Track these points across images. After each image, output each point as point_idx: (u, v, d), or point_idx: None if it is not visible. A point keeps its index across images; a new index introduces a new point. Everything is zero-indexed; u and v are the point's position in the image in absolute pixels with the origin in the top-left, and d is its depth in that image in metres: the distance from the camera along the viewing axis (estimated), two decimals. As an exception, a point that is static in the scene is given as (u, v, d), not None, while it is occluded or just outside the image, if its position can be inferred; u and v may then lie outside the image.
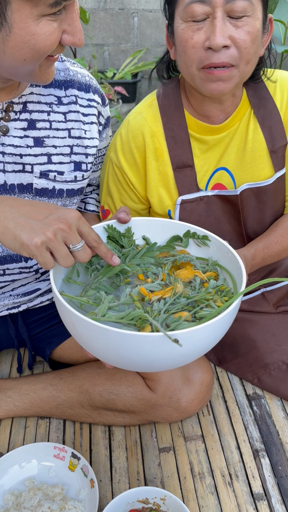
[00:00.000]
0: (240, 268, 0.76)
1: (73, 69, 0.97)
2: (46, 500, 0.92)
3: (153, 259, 0.85)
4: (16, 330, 1.14)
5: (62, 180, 0.95)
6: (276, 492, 0.99)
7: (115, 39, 3.55)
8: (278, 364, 1.18)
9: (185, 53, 0.92)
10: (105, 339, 0.66)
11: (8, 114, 0.88)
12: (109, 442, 1.08)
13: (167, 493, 0.90)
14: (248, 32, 0.88)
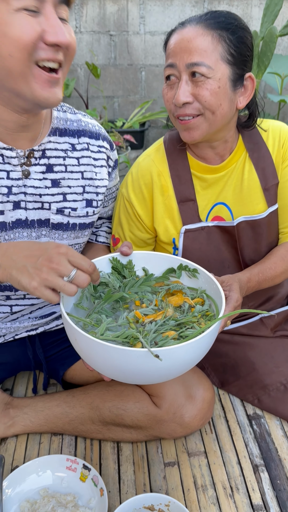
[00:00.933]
0: (221, 297, 0.87)
1: (84, 120, 1.12)
2: (59, 506, 0.99)
3: (149, 287, 0.97)
4: (33, 351, 1.24)
5: (75, 215, 1.09)
6: (275, 503, 1.05)
7: (124, 91, 3.81)
8: (276, 385, 1.26)
9: (165, 105, 1.12)
10: (101, 352, 0.77)
11: (29, 160, 1.02)
12: (117, 457, 1.15)
13: (171, 499, 0.97)
14: (207, 89, 1.04)
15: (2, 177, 0.98)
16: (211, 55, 1.02)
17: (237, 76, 1.07)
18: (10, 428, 1.17)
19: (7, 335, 1.18)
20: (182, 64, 1.03)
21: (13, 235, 1.03)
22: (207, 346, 0.83)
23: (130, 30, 3.69)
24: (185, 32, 1.04)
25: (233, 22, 1.05)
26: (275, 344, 1.33)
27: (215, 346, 1.35)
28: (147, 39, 3.73)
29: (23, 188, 1.01)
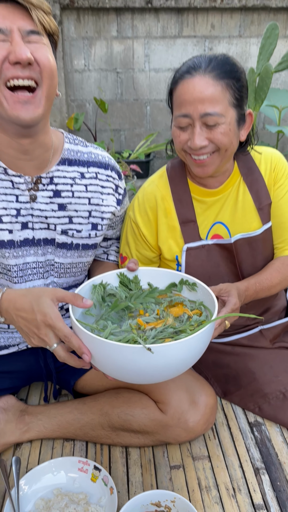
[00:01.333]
0: (215, 308, 0.96)
1: (95, 152, 1.24)
2: (72, 503, 1.06)
3: (153, 299, 1.07)
4: (44, 360, 1.32)
5: (79, 236, 1.20)
6: (275, 503, 1.10)
7: (130, 124, 4.00)
8: (276, 393, 1.33)
9: (175, 144, 1.22)
10: (102, 349, 0.86)
11: (37, 185, 1.13)
12: (126, 461, 1.22)
13: (176, 495, 1.03)
14: (221, 133, 1.15)
15: (11, 201, 1.10)
16: (222, 104, 1.13)
17: (241, 116, 1.19)
18: (25, 434, 1.25)
19: (21, 344, 1.28)
20: (196, 114, 1.13)
21: (21, 252, 1.14)
22: (201, 346, 0.91)
23: (135, 68, 3.90)
24: (196, 82, 1.12)
25: (236, 69, 1.16)
26: (274, 355, 1.41)
27: (217, 357, 1.43)
28: (151, 75, 3.94)
29: (31, 211, 1.13)
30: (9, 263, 1.14)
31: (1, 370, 1.28)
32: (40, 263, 1.18)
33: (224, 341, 1.45)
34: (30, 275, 1.18)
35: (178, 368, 0.92)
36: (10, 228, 1.11)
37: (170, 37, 3.80)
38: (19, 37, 0.94)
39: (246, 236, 1.31)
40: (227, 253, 1.33)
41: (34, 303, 0.93)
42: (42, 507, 1.06)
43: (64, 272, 1.23)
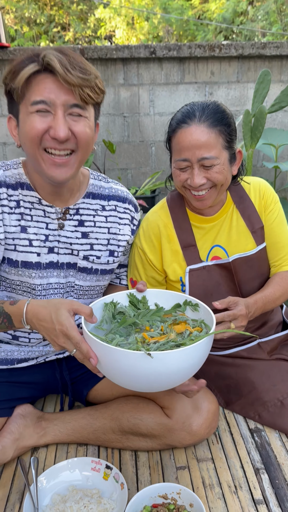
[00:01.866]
0: (213, 325, 1.08)
1: (115, 187, 1.40)
2: (86, 497, 1.15)
3: (159, 317, 1.20)
4: (60, 373, 1.44)
5: (98, 262, 1.35)
6: (274, 498, 1.19)
7: (136, 164, 4.23)
8: (274, 401, 1.43)
9: (176, 182, 1.39)
10: (108, 355, 0.98)
11: (65, 215, 1.29)
12: (135, 463, 1.31)
13: (181, 487, 1.13)
14: (216, 172, 1.32)
15: (42, 227, 1.26)
16: (216, 148, 1.30)
17: (232, 155, 1.36)
18: (42, 438, 1.35)
19: (39, 357, 1.40)
20: (194, 158, 1.30)
21: (45, 273, 1.28)
22: (198, 355, 1.02)
23: (141, 112, 4.17)
24: (192, 131, 1.28)
25: (226, 116, 1.33)
26: (271, 366, 1.51)
27: (220, 369, 1.54)
28: (156, 119, 4.20)
29: (58, 237, 1.29)
30: (34, 283, 1.28)
31: (21, 380, 1.40)
32: (62, 284, 1.33)
33: (225, 353, 1.56)
34: (52, 294, 1.32)
35: (178, 377, 1.02)
36: (38, 251, 1.26)
37: (173, 84, 4.08)
38: (61, 113, 1.08)
39: (242, 255, 1.46)
40: (226, 272, 1.47)
41: (53, 314, 1.06)
42: (59, 500, 1.16)
43: (83, 294, 1.38)
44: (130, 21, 9.62)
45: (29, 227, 1.25)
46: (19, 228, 1.24)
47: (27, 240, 1.25)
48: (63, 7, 10.61)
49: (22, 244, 1.24)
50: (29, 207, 1.25)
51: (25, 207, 1.24)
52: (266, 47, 3.86)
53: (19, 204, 1.23)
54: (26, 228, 1.25)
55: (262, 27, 8.76)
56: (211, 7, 9.52)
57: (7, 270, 1.27)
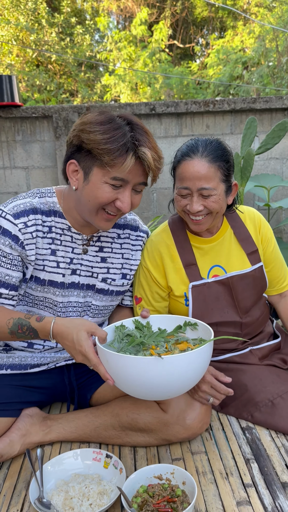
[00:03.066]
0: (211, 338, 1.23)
1: (129, 217, 1.60)
2: (87, 479, 1.25)
3: (163, 338, 1.34)
4: (68, 378, 1.57)
5: (114, 284, 1.53)
6: (262, 482, 1.28)
7: (139, 209, 4.48)
8: (265, 402, 1.54)
9: (177, 207, 1.58)
10: (123, 365, 1.11)
11: (89, 242, 1.49)
12: (134, 456, 1.41)
13: (175, 467, 1.23)
14: (213, 202, 1.51)
15: (68, 251, 1.45)
16: (214, 180, 1.49)
17: (228, 187, 1.56)
18: (47, 435, 1.46)
19: (50, 363, 1.54)
20: (194, 187, 1.48)
21: (67, 293, 1.46)
22: (205, 358, 1.16)
23: (143, 163, 4.47)
24: (195, 164, 1.45)
25: (226, 153, 1.53)
26: (262, 370, 1.63)
27: (214, 375, 1.66)
28: (157, 168, 4.49)
29: (81, 261, 1.47)
30: (57, 300, 1.46)
31: (31, 385, 1.53)
32: (80, 303, 1.50)
33: (220, 359, 1.68)
34: (70, 312, 1.50)
35: (187, 379, 1.15)
36: (63, 272, 1.44)
37: (171, 137, 4.42)
38: (129, 190, 1.30)
39: (239, 273, 1.63)
40: (225, 288, 1.63)
41: (74, 336, 1.23)
42: (62, 484, 1.25)
43: (97, 313, 1.55)
44: (133, 86, 10.34)
45: (58, 250, 1.43)
46: (49, 251, 1.41)
47: (55, 262, 1.43)
48: (72, 75, 11.46)
49: (50, 265, 1.42)
50: (60, 233, 1.43)
51: (56, 233, 1.42)
52: (256, 102, 4.22)
53: (51, 230, 1.41)
54: (56, 251, 1.42)
55: (257, 89, 9.39)
56: (209, 72, 10.26)
57: (33, 287, 1.44)
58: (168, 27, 11.39)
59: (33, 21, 10.83)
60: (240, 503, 1.21)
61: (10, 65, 10.91)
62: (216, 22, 12.46)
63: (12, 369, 1.50)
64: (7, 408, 1.43)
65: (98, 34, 12.48)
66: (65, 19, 11.20)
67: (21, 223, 1.35)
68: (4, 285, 1.37)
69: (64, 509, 1.17)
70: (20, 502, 1.26)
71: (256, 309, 1.69)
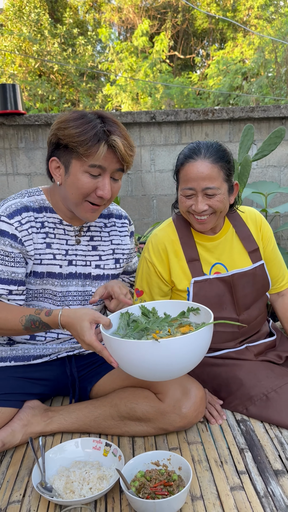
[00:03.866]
0: (211, 319, 1.27)
1: (112, 207, 1.68)
2: (87, 465, 1.30)
3: (167, 323, 1.40)
4: (70, 369, 1.62)
5: (107, 268, 1.60)
6: (256, 470, 1.33)
7: (139, 215, 4.55)
8: (260, 396, 1.59)
9: (181, 208, 1.64)
10: (123, 349, 1.18)
11: (80, 232, 1.57)
12: (132, 446, 1.46)
13: (171, 453, 1.28)
14: (217, 201, 1.58)
15: (63, 243, 1.53)
16: (217, 180, 1.57)
17: (230, 187, 1.64)
18: (48, 425, 1.51)
19: (52, 354, 1.60)
20: (199, 188, 1.56)
21: (66, 283, 1.53)
22: (202, 342, 1.21)
23: (143, 169, 4.56)
24: (198, 165, 1.53)
25: (226, 154, 1.61)
26: (257, 365, 1.68)
27: (211, 370, 1.72)
28: (156, 175, 4.58)
29: (75, 251, 1.55)
30: (56, 290, 1.53)
31: (34, 377, 1.58)
32: (80, 292, 1.57)
33: (216, 354, 1.74)
34: (70, 301, 1.57)
35: (184, 362, 1.19)
36: (60, 263, 1.52)
37: (171, 144, 4.50)
38: (108, 178, 1.40)
39: (240, 271, 1.69)
40: (226, 285, 1.69)
41: (78, 326, 1.30)
42: (63, 470, 1.31)
43: (99, 300, 1.61)
44: (134, 96, 10.49)
45: (53, 243, 1.51)
46: (44, 245, 1.50)
47: (52, 255, 1.51)
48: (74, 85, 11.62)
49: (47, 258, 1.50)
50: (53, 226, 1.52)
51: (49, 227, 1.51)
52: (254, 111, 4.31)
53: (43, 225, 1.50)
54: (51, 244, 1.51)
55: (257, 99, 9.51)
56: (209, 83, 10.40)
57: (32, 281, 1.51)
58: (169, 38, 11.57)
59: (35, 32, 11.01)
60: (234, 488, 1.26)
61: (12, 75, 11.07)
62: (217, 33, 12.66)
63: (15, 361, 1.56)
64: (10, 398, 1.49)
65: (100, 45, 12.67)
66: (67, 30, 11.38)
67: (16, 222, 1.44)
68: (13, 282, 1.45)
69: (65, 492, 1.22)
70: (22, 488, 1.31)
71: (255, 308, 1.75)
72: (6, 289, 1.44)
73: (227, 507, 1.20)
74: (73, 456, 1.38)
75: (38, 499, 1.25)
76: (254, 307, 1.76)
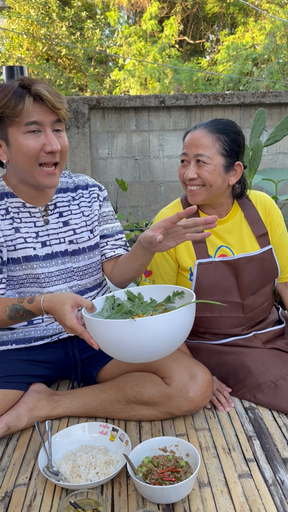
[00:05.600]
0: (192, 299, 1.24)
1: (76, 180, 1.64)
2: (93, 450, 1.29)
3: (152, 308, 1.37)
4: (72, 351, 1.61)
5: (81, 241, 1.58)
6: (264, 457, 1.31)
7: (147, 202, 4.51)
8: (268, 383, 1.57)
9: (179, 178, 1.64)
10: (101, 329, 1.16)
11: (46, 212, 1.54)
12: (139, 431, 1.45)
13: (179, 439, 1.26)
14: (206, 171, 1.55)
15: (31, 226, 1.51)
16: (210, 150, 1.55)
17: (229, 164, 1.59)
18: (54, 409, 1.50)
19: (53, 335, 1.58)
20: (191, 154, 1.56)
21: (45, 264, 1.52)
22: (180, 322, 1.18)
23: (151, 155, 4.50)
24: (196, 133, 1.57)
25: (228, 128, 1.59)
26: (265, 353, 1.66)
27: (219, 357, 1.70)
28: (165, 161, 4.52)
29: (46, 231, 1.53)
30: (37, 272, 1.51)
31: (37, 359, 1.57)
32: (62, 271, 1.56)
33: (224, 342, 1.71)
34: (55, 281, 1.55)
35: (162, 343, 1.16)
36: (33, 246, 1.50)
37: (180, 130, 4.44)
38: (49, 131, 1.35)
39: (247, 255, 1.66)
40: (231, 269, 1.66)
41: (59, 310, 1.29)
42: (70, 454, 1.30)
43: (83, 274, 1.60)
44: (143, 81, 10.36)
45: (21, 227, 1.50)
46: (13, 230, 1.49)
47: (22, 239, 1.49)
48: (81, 70, 11.49)
49: (19, 242, 1.49)
50: (17, 211, 1.50)
51: (13, 212, 1.49)
52: (265, 96, 4.23)
53: (8, 211, 1.49)
54: (19, 228, 1.50)
55: (267, 85, 9.36)
56: (219, 69, 10.25)
57: (12, 268, 1.50)
58: (179, 22, 11.38)
59: (43, 15, 10.86)
60: (242, 475, 1.25)
61: (20, 59, 10.95)
62: (227, 18, 12.43)
63: (17, 343, 1.55)
64: (14, 381, 1.48)
65: (108, 29, 12.50)
66: (75, 13, 11.22)
67: None
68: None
69: (71, 476, 1.21)
70: (29, 471, 1.30)
71: (262, 294, 1.72)
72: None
73: (235, 494, 1.18)
74: (79, 440, 1.37)
75: (44, 483, 1.25)
76: (260, 292, 1.72)
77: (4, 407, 1.44)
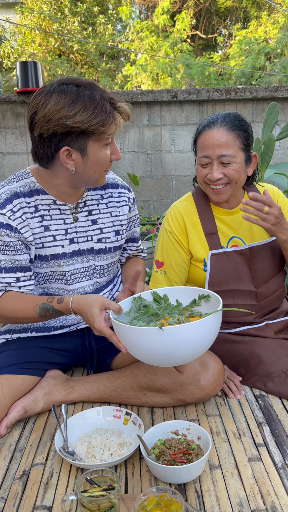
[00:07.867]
0: (219, 307, 1.26)
1: (107, 177, 1.65)
2: (107, 432, 1.34)
3: (178, 311, 1.39)
4: (89, 340, 1.65)
5: (109, 241, 1.61)
6: (273, 443, 1.35)
7: (158, 196, 4.54)
8: (278, 372, 1.60)
9: (198, 178, 1.65)
10: (129, 334, 1.20)
11: (76, 209, 1.56)
12: (152, 416, 1.49)
13: (190, 423, 1.30)
14: (233, 170, 1.58)
15: (61, 223, 1.53)
16: (233, 148, 1.57)
17: (248, 157, 1.63)
18: (69, 394, 1.55)
19: (72, 325, 1.63)
20: (214, 155, 1.57)
21: (71, 261, 1.55)
22: (207, 330, 1.21)
23: (163, 150, 4.53)
24: (214, 133, 1.55)
25: (244, 123, 1.61)
26: (277, 343, 1.69)
27: (230, 346, 1.73)
28: (176, 156, 4.54)
29: (75, 229, 1.55)
30: (64, 270, 1.54)
31: (55, 347, 1.62)
32: (86, 268, 1.58)
33: (235, 331, 1.75)
34: (79, 277, 1.58)
35: (189, 350, 1.20)
36: (62, 244, 1.53)
37: (192, 124, 4.45)
38: (114, 142, 1.43)
39: (258, 244, 1.69)
40: (243, 258, 1.69)
41: (88, 313, 1.34)
42: (85, 436, 1.34)
43: (104, 272, 1.63)
44: (155, 76, 10.36)
45: (51, 225, 1.51)
46: (42, 228, 1.50)
47: (52, 237, 1.51)
48: (93, 65, 11.52)
49: (48, 240, 1.51)
50: (47, 208, 1.51)
51: (43, 210, 1.50)
52: (278, 90, 4.22)
53: (37, 209, 1.49)
54: (48, 226, 1.51)
55: (280, 80, 9.31)
56: (231, 63, 10.20)
57: (39, 265, 1.52)
58: (191, 17, 11.34)
59: (56, 10, 10.90)
60: (252, 459, 1.28)
61: (32, 54, 11.02)
62: (240, 12, 12.36)
63: (36, 331, 1.59)
64: (33, 367, 1.53)
65: (120, 24, 12.50)
66: (87, 8, 11.24)
67: (8, 211, 1.43)
68: (18, 269, 1.47)
69: (86, 456, 1.26)
70: (45, 452, 1.35)
71: (274, 282, 1.75)
72: (13, 277, 1.47)
73: (245, 476, 1.22)
74: (94, 423, 1.41)
75: (60, 463, 1.29)
76: (272, 280, 1.75)
77: (22, 392, 1.49)
